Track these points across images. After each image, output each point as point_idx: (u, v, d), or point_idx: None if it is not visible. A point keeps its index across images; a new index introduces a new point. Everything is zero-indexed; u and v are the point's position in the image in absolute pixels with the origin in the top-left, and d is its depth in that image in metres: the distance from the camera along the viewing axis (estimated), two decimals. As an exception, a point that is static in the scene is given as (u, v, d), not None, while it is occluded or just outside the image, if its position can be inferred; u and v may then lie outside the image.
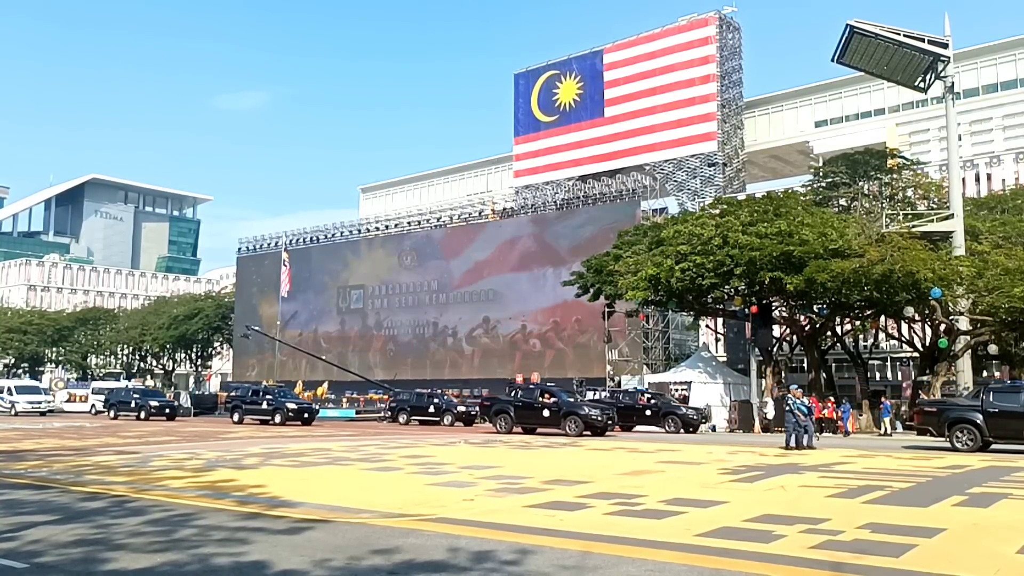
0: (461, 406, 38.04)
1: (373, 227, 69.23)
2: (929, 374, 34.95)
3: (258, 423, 36.52)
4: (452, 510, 9.64)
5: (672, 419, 32.62)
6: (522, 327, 56.81)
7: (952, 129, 36.38)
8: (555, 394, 29.28)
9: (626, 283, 37.21)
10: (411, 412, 38.78)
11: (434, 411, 37.94)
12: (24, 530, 8.15)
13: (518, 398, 29.97)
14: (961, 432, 21.09)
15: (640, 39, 66.08)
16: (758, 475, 14.23)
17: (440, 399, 39.08)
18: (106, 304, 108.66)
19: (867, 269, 30.97)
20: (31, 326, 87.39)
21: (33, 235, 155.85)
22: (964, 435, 21.00)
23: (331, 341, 66.60)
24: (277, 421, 35.91)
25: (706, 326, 54.16)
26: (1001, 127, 59.37)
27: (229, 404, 39.93)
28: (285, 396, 38.77)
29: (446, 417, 37.30)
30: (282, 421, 35.82)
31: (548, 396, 28.95)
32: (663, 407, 33.45)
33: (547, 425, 28.48)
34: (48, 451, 18.98)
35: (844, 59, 37.54)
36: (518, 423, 29.39)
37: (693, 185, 62.77)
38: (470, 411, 37.48)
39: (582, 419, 27.55)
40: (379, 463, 16.20)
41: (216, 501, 10.42)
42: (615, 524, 8.69)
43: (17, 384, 50.41)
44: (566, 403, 28.57)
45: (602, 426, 27.86)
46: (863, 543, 7.58)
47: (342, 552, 7.09)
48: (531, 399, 29.32)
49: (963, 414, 21.35)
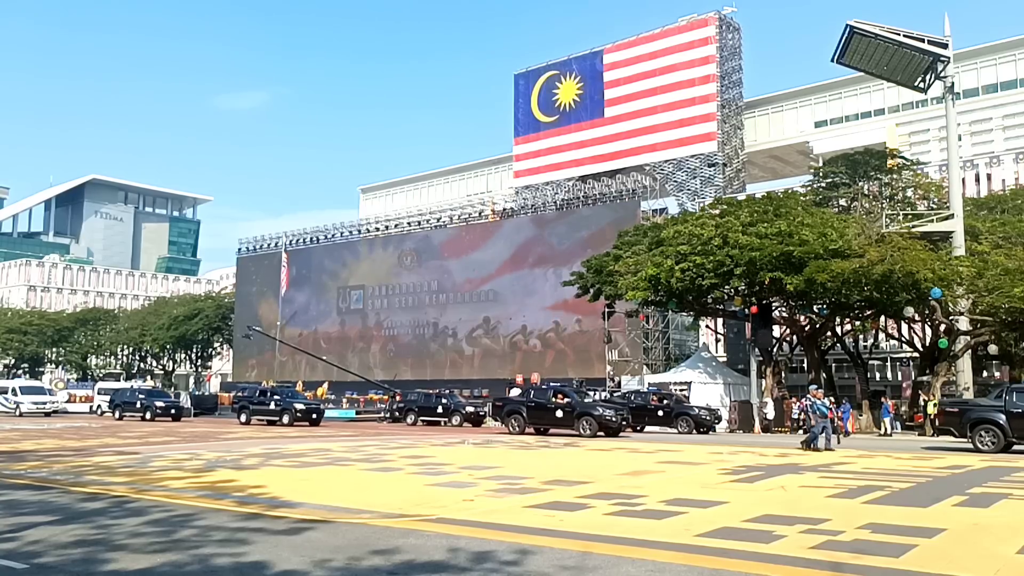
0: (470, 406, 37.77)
1: (373, 227, 69.21)
2: (929, 374, 34.93)
3: (264, 423, 36.16)
4: (452, 510, 9.64)
5: (684, 420, 32.06)
6: (522, 327, 56.82)
7: (952, 129, 36.38)
8: (568, 394, 28.99)
9: (626, 283, 37.20)
10: (419, 412, 38.53)
11: (442, 411, 37.68)
12: (24, 530, 8.14)
13: (531, 398, 29.65)
14: (984, 433, 20.81)
15: (640, 39, 66.09)
16: (758, 475, 14.23)
17: (449, 399, 38.81)
18: (106, 305, 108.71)
19: (867, 269, 30.95)
20: (31, 327, 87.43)
21: (33, 235, 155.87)
22: (987, 436, 20.72)
23: (331, 341, 66.58)
24: (285, 422, 35.42)
25: (706, 326, 54.14)
26: (1001, 127, 59.38)
27: (236, 405, 39.43)
28: (293, 397, 38.42)
29: (455, 417, 37.03)
30: (290, 422, 35.33)
31: (561, 396, 28.64)
32: (675, 407, 33.01)
33: (560, 426, 28.04)
34: (48, 452, 18.97)
35: (844, 59, 37.53)
36: (531, 423, 29.02)
37: (693, 185, 62.77)
38: (479, 411, 37.24)
39: (596, 420, 27.10)
40: (379, 463, 16.20)
41: (216, 502, 10.42)
42: (615, 524, 8.69)
43: (22, 384, 50.18)
44: (579, 403, 28.22)
45: (616, 427, 27.44)
46: (863, 543, 7.58)
47: (342, 552, 7.09)
48: (544, 399, 28.97)
49: (986, 415, 21.07)
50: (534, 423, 29.06)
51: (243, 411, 37.80)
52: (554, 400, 28.51)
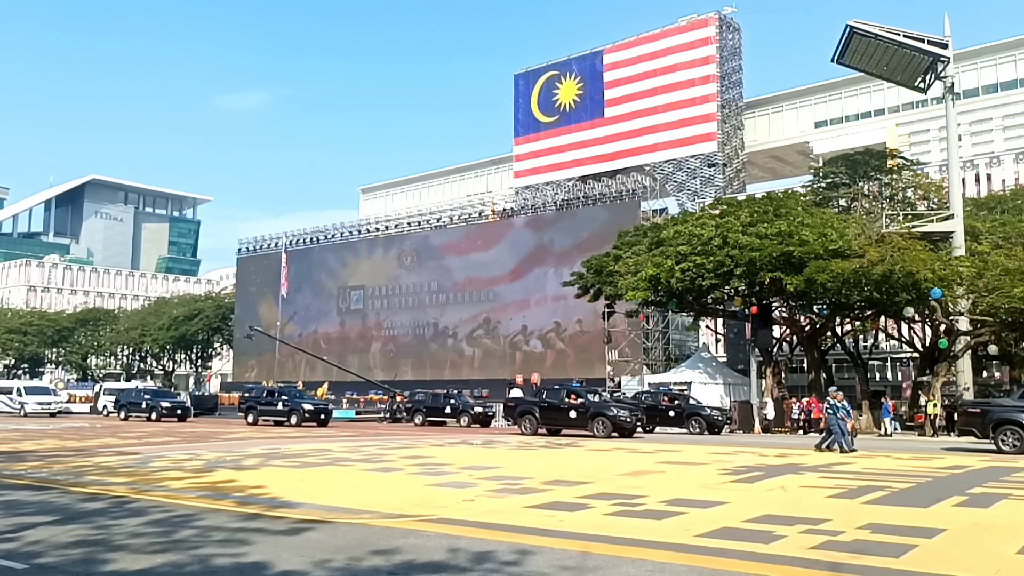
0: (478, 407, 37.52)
1: (373, 227, 69.23)
2: (929, 374, 34.91)
3: (271, 424, 35.86)
4: (452, 511, 9.64)
5: (696, 420, 31.50)
6: (523, 327, 56.83)
7: (952, 129, 36.38)
8: (582, 395, 28.61)
9: (626, 283, 37.19)
10: (427, 413, 38.15)
11: (451, 412, 37.36)
12: (24, 531, 8.15)
13: (544, 399, 29.30)
14: (1007, 434, 20.54)
15: (640, 39, 66.08)
16: (758, 475, 14.23)
17: (457, 399, 38.39)
18: (106, 305, 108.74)
19: (867, 269, 30.95)
20: (31, 327, 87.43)
21: (33, 236, 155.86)
22: (1010, 437, 20.44)
23: (331, 341, 66.59)
24: (293, 422, 35.09)
25: (706, 326, 54.14)
26: (1001, 127, 59.37)
27: (243, 405, 39.01)
28: (301, 397, 38.05)
29: (463, 418, 36.68)
30: (298, 422, 34.98)
31: (575, 397, 28.24)
32: (687, 408, 32.52)
33: (574, 427, 27.64)
34: (48, 452, 18.98)
35: (844, 60, 37.53)
36: (543, 424, 28.68)
37: (693, 185, 62.78)
38: (487, 412, 37.00)
39: (610, 420, 26.67)
40: (379, 464, 16.20)
41: (216, 502, 10.42)
42: (615, 524, 8.69)
43: (27, 385, 50.09)
44: (593, 404, 27.85)
45: (631, 427, 27.05)
46: (863, 543, 7.58)
47: (342, 553, 7.09)
48: (557, 400, 28.59)
49: (1009, 415, 20.81)
50: (547, 424, 28.70)
51: (251, 411, 37.45)
52: (567, 400, 28.08)
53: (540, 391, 30.63)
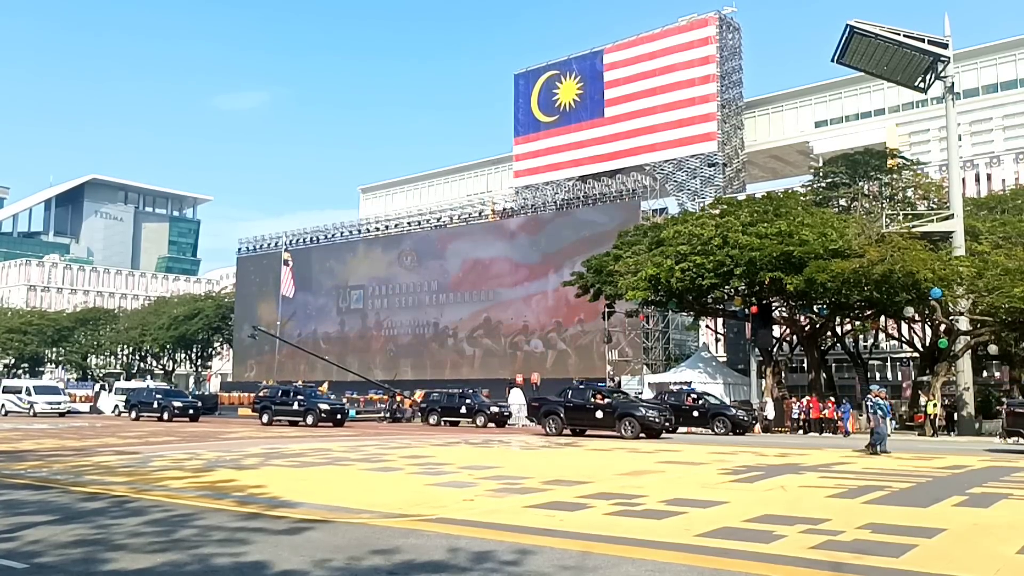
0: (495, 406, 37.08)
1: (373, 227, 69.23)
2: (929, 374, 34.92)
3: (286, 424, 35.37)
4: (452, 510, 9.64)
5: (721, 420, 30.75)
6: (523, 327, 56.81)
7: (952, 129, 36.37)
8: (608, 395, 28.12)
9: (626, 283, 37.19)
10: (442, 412, 37.73)
11: (466, 411, 36.95)
12: (24, 530, 8.15)
13: (569, 399, 28.52)
14: None
15: (640, 39, 66.07)
16: (758, 475, 14.23)
17: (473, 399, 37.87)
18: (106, 304, 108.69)
19: (867, 269, 30.95)
20: (31, 326, 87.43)
21: (33, 235, 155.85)
22: None
23: (331, 341, 66.58)
24: (309, 422, 34.53)
25: (706, 326, 54.15)
26: (1001, 127, 59.37)
27: (258, 405, 38.43)
28: (317, 397, 37.38)
29: (479, 417, 36.26)
30: (314, 423, 34.41)
31: (601, 396, 27.58)
32: (711, 408, 31.65)
33: (600, 427, 26.88)
34: (48, 451, 18.97)
35: (844, 59, 37.51)
36: (568, 425, 28.08)
37: (693, 185, 62.75)
38: (503, 412, 36.69)
39: (639, 421, 25.89)
40: (379, 463, 16.20)
41: (216, 501, 10.42)
42: (615, 524, 8.69)
43: (36, 384, 49.78)
44: (621, 404, 27.19)
45: (659, 428, 26.25)
46: (863, 543, 7.58)
47: (342, 552, 7.09)
48: (583, 400, 27.70)
49: None
50: (572, 424, 28.07)
51: (265, 411, 36.83)
52: (593, 400, 27.36)
53: (564, 391, 29.83)
